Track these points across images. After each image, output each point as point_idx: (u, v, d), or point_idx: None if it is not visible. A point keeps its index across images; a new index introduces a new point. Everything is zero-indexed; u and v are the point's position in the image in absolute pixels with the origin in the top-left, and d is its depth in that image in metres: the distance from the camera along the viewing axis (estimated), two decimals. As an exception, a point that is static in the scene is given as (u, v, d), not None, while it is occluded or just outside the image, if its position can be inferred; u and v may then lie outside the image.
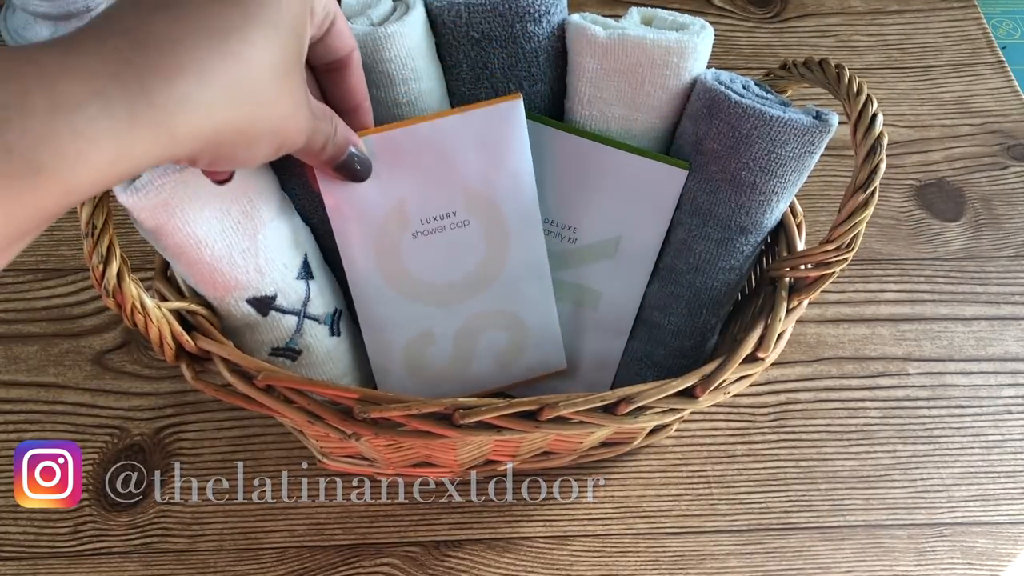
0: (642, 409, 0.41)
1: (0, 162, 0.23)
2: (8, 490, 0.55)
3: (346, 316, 0.50)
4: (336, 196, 0.45)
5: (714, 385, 0.41)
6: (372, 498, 0.56)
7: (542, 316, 0.51)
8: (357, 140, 0.41)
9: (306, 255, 0.46)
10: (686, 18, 0.46)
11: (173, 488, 0.55)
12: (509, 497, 0.56)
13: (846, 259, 0.41)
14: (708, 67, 0.47)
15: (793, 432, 0.60)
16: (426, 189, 0.47)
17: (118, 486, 0.55)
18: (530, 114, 0.48)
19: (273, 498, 0.55)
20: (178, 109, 0.27)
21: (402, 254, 0.48)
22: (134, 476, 0.56)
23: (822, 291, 0.44)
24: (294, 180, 0.46)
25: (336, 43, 0.38)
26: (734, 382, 0.42)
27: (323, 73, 0.39)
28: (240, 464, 0.57)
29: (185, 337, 0.40)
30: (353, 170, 0.41)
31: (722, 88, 0.44)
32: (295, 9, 0.32)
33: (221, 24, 0.28)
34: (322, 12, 0.35)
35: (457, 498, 0.56)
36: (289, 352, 0.46)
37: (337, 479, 0.56)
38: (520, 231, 0.48)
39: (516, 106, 0.46)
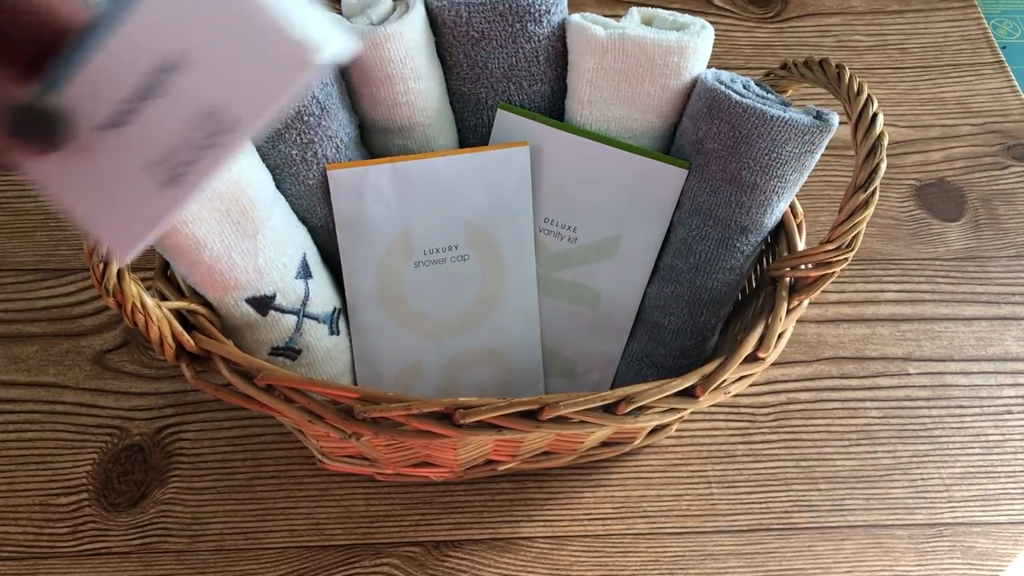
0: (642, 409, 0.41)
1: None
2: (8, 490, 0.55)
3: (345, 315, 0.50)
4: (347, 209, 0.46)
5: (714, 385, 0.41)
6: (372, 498, 0.56)
7: (528, 359, 0.51)
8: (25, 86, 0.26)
9: (304, 254, 0.46)
10: (686, 18, 0.46)
11: (173, 488, 0.55)
12: (509, 497, 0.56)
13: (846, 259, 0.41)
14: (708, 67, 0.47)
15: (793, 432, 0.60)
16: (432, 220, 0.48)
17: (118, 486, 0.55)
18: (530, 113, 0.48)
19: (273, 498, 0.55)
20: None
21: (403, 282, 0.49)
22: (134, 476, 0.56)
23: (822, 291, 0.44)
24: (291, 180, 0.46)
25: None
26: (734, 382, 0.42)
27: None
28: (240, 464, 0.57)
29: (185, 336, 0.40)
30: (29, 131, 0.25)
31: (722, 88, 0.44)
32: None
33: None
34: None
35: (457, 498, 0.56)
36: (289, 351, 0.46)
37: (337, 479, 0.56)
38: (515, 272, 0.50)
39: (523, 153, 0.47)
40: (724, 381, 0.41)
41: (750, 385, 0.44)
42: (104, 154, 0.28)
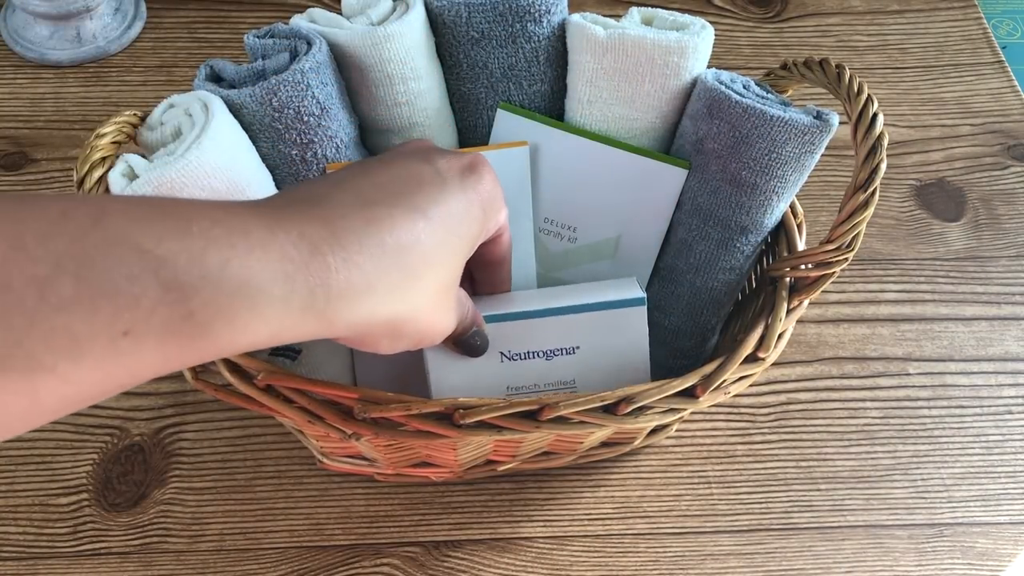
0: (642, 409, 0.41)
1: (180, 322, 0.24)
2: (8, 490, 0.55)
3: (346, 316, 0.50)
4: None
5: (714, 385, 0.41)
6: (372, 498, 0.56)
7: None
8: (481, 320, 0.42)
9: (306, 255, 0.46)
10: (686, 18, 0.46)
11: (173, 488, 0.55)
12: (509, 497, 0.56)
13: (846, 259, 0.41)
14: (708, 67, 0.47)
15: (793, 432, 0.60)
16: None
17: (118, 486, 0.55)
18: (530, 113, 0.48)
19: (273, 498, 0.55)
20: (346, 307, 0.29)
21: None
22: (134, 476, 0.56)
23: (822, 291, 0.44)
24: (291, 180, 0.46)
25: (496, 250, 0.40)
26: (734, 382, 0.42)
27: (472, 263, 0.40)
28: (240, 464, 0.57)
29: (185, 337, 0.40)
30: (472, 347, 0.42)
31: (722, 88, 0.44)
32: (475, 228, 0.34)
33: (408, 236, 0.31)
34: (495, 228, 0.37)
35: (457, 498, 0.56)
36: (289, 351, 0.46)
37: (337, 479, 0.56)
38: (515, 272, 0.50)
39: (523, 153, 0.47)
40: (724, 381, 0.41)
41: (750, 385, 0.44)
42: (490, 367, 0.43)
